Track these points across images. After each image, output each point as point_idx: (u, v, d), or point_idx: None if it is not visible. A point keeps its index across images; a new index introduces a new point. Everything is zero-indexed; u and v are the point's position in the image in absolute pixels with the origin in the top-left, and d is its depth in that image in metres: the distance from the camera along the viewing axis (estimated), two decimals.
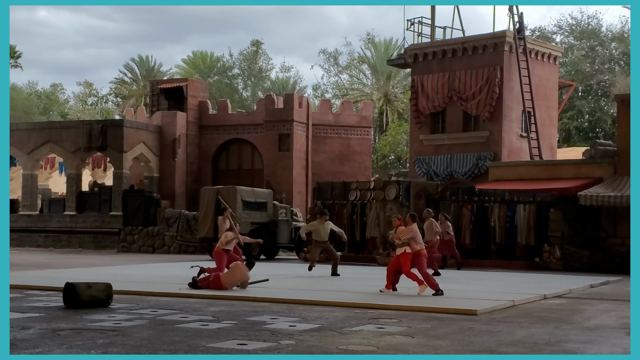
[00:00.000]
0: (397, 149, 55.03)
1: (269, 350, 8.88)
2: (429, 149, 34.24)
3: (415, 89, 34.74)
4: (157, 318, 11.48)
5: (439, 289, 14.84)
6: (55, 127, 38.97)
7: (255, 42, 72.61)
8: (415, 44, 35.42)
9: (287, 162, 38.57)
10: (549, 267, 25.09)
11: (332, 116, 41.15)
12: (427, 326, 11.13)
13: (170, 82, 43.85)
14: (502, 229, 26.54)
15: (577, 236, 26.68)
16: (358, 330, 10.61)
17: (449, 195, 27.51)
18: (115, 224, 35.83)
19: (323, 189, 29.65)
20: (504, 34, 32.72)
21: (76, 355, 8.41)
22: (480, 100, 32.67)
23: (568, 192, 26.77)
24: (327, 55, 69.25)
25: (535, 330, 10.96)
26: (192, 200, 38.06)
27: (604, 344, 9.90)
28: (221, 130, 40.40)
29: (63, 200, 37.95)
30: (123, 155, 36.36)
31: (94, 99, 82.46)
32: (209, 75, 69.68)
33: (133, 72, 74.73)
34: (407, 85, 56.06)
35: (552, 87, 35.59)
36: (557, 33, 58.57)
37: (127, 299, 14.03)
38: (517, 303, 14.38)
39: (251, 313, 12.26)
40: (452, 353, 9.04)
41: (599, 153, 28.49)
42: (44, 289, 15.77)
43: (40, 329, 10.14)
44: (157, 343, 9.22)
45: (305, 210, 36.28)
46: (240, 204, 28.20)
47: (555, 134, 37.11)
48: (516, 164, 31.19)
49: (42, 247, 36.51)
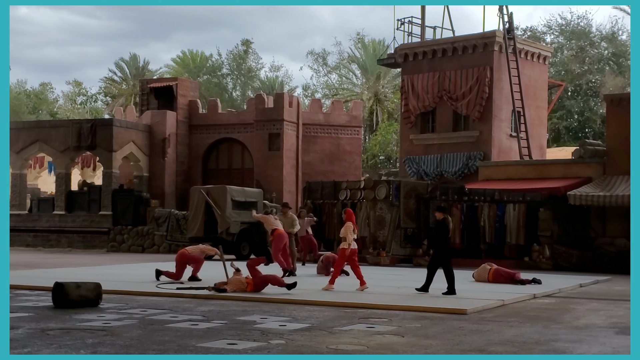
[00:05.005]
0: (387, 148, 55.08)
1: (259, 350, 8.87)
2: (419, 149, 34.28)
3: (406, 89, 34.79)
4: (146, 318, 11.45)
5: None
6: (45, 127, 38.81)
7: (245, 41, 72.57)
8: (405, 44, 35.47)
9: (277, 162, 38.55)
10: (539, 267, 25.14)
11: (322, 116, 41.14)
12: (417, 325, 11.14)
13: (160, 81, 43.73)
14: (492, 229, 26.59)
15: (567, 236, 26.76)
16: (348, 329, 10.61)
17: (439, 194, 27.54)
18: (105, 223, 35.73)
19: (313, 188, 29.63)
20: (494, 34, 32.81)
21: (65, 355, 8.38)
22: (470, 100, 32.74)
23: (557, 192, 26.84)
24: (316, 56, 69.26)
25: (524, 330, 10.98)
26: (182, 200, 37.96)
27: (593, 343, 9.93)
28: (211, 130, 40.34)
29: (52, 200, 37.81)
30: (112, 154, 36.25)
31: (83, 98, 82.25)
32: (199, 74, 69.57)
33: (123, 71, 74.55)
34: (397, 85, 56.10)
35: (541, 87, 35.69)
36: (547, 33, 58.72)
37: (117, 299, 14.00)
38: (506, 302, 14.42)
39: (241, 313, 12.24)
40: (442, 352, 9.05)
41: (588, 153, 28.58)
42: (33, 288, 15.72)
43: (29, 329, 10.10)
44: (146, 343, 9.19)
45: (296, 209, 36.21)
46: (230, 203, 28.15)
47: (545, 134, 37.22)
48: (506, 164, 31.26)
49: (31, 247, 36.37)
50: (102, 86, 77.75)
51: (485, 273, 18.60)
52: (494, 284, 17.93)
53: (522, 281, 18.02)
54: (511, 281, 17.96)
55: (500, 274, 18.38)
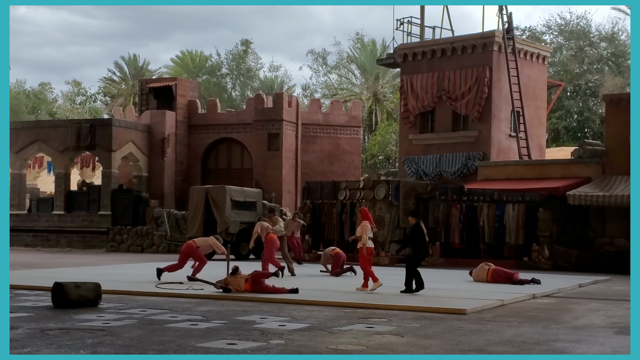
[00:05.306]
0: (387, 148, 55.06)
1: (259, 350, 8.87)
2: (418, 149, 34.28)
3: (405, 89, 34.79)
4: (146, 318, 11.45)
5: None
6: (44, 127, 38.79)
7: (244, 41, 72.56)
8: (404, 44, 35.47)
9: (276, 162, 38.54)
10: (538, 267, 25.14)
11: (321, 116, 41.14)
12: (417, 325, 11.15)
13: (159, 81, 43.72)
14: (491, 229, 26.59)
15: (566, 236, 26.77)
16: (348, 329, 10.61)
17: (438, 194, 27.55)
18: (104, 223, 35.72)
19: (312, 188, 29.63)
20: (493, 34, 32.81)
21: (65, 355, 8.38)
22: (469, 100, 32.74)
23: (557, 192, 26.85)
24: (316, 56, 69.27)
25: (524, 330, 10.98)
26: (181, 200, 37.97)
27: (592, 343, 9.93)
28: (210, 130, 40.34)
29: (51, 200, 37.80)
30: (112, 154, 36.25)
31: (82, 98, 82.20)
32: (198, 74, 69.56)
33: (122, 70, 74.54)
34: (396, 85, 56.11)
35: (540, 87, 35.70)
36: (546, 33, 58.71)
37: (116, 299, 13.99)
38: (506, 302, 14.41)
39: (241, 312, 12.24)
40: (442, 352, 9.05)
41: (588, 153, 28.60)
42: (33, 288, 15.71)
43: (29, 329, 10.10)
44: (146, 343, 9.19)
45: (295, 209, 36.26)
46: (229, 203, 28.15)
47: (544, 134, 37.23)
48: (505, 164, 31.27)
49: (30, 247, 36.36)
50: (102, 86, 77.76)
51: (484, 273, 18.61)
52: (493, 284, 17.93)
53: (521, 281, 18.03)
54: (510, 281, 17.97)
55: (498, 274, 18.38)
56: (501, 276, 18.27)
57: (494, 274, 18.38)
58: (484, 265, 19.05)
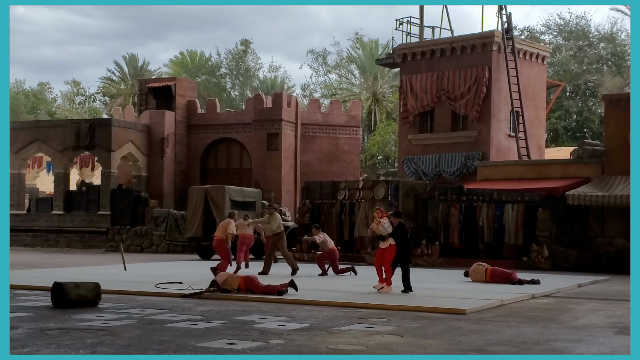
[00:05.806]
0: (386, 148, 55.06)
1: (258, 350, 8.87)
2: (418, 149, 34.28)
3: (404, 89, 34.78)
4: (145, 318, 11.45)
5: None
6: (43, 126, 38.77)
7: (244, 41, 72.56)
8: (403, 44, 35.45)
9: (275, 162, 38.54)
10: (537, 267, 25.14)
11: (320, 116, 41.14)
12: (416, 325, 11.15)
13: (158, 81, 43.70)
14: (490, 229, 26.58)
15: (565, 236, 26.77)
16: (347, 329, 10.61)
17: (438, 194, 27.55)
18: (103, 223, 35.71)
19: (312, 188, 29.63)
20: (493, 34, 32.80)
21: (65, 355, 8.38)
22: (468, 100, 32.74)
23: (556, 192, 26.86)
24: (316, 55, 69.29)
25: (523, 330, 10.99)
26: (181, 200, 37.97)
27: (592, 343, 9.94)
28: (210, 130, 40.33)
29: (51, 200, 37.78)
30: (111, 154, 36.23)
31: (81, 97, 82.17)
32: (197, 74, 69.56)
33: (121, 70, 74.52)
34: (395, 85, 56.10)
35: (540, 87, 35.69)
36: (546, 33, 58.74)
37: (116, 299, 13.99)
38: (505, 302, 14.42)
39: (240, 312, 12.24)
40: (441, 352, 9.06)
41: (587, 153, 28.61)
42: (32, 288, 15.72)
43: (29, 329, 10.10)
44: (145, 343, 9.19)
45: (294, 209, 36.26)
46: (228, 203, 28.14)
47: (543, 134, 37.23)
48: (504, 164, 31.28)
49: (29, 247, 36.35)
50: (101, 86, 77.72)
51: (483, 273, 18.61)
52: (492, 284, 17.94)
53: (520, 281, 18.04)
54: (508, 281, 17.98)
55: (497, 274, 18.40)
56: (499, 276, 18.28)
57: (492, 274, 18.39)
58: (478, 265, 19.06)
